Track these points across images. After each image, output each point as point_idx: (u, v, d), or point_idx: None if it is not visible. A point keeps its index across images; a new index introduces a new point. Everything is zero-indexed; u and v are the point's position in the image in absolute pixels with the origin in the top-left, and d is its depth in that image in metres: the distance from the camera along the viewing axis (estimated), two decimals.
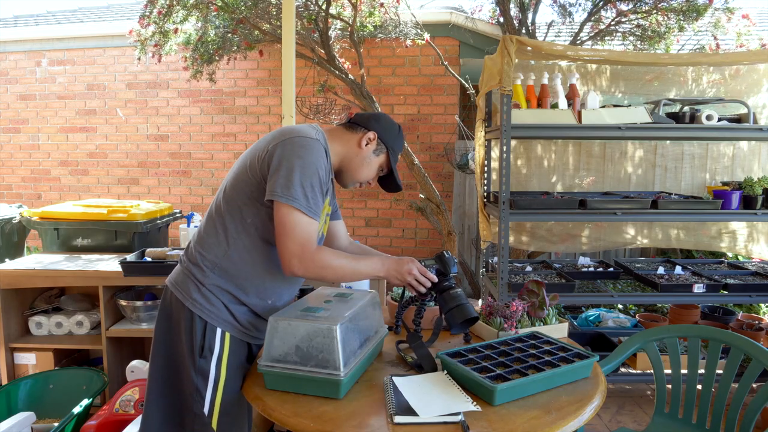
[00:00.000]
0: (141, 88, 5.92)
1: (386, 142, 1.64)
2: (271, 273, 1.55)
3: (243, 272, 1.52)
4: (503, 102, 2.81)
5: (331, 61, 4.37)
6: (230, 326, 1.52)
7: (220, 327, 1.51)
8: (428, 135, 5.56)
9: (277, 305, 1.60)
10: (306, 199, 1.43)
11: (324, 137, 1.56)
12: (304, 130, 1.52)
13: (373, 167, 1.65)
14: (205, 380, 1.48)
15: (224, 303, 1.51)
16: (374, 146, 1.62)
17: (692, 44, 4.73)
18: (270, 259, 1.54)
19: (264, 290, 1.56)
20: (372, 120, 1.64)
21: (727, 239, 3.78)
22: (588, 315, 3.76)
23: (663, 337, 2.04)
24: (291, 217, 1.42)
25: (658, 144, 3.70)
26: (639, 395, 3.22)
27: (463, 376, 1.35)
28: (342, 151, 1.62)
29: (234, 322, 1.53)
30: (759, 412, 1.74)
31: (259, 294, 1.55)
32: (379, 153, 1.64)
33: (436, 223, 4.52)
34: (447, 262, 1.65)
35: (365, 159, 1.62)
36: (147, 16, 4.26)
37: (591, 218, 3.32)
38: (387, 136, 1.64)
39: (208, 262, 1.52)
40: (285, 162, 1.44)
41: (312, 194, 1.44)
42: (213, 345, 1.49)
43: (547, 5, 6.59)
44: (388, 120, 1.67)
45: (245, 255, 1.52)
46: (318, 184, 1.46)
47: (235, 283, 1.52)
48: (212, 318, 1.50)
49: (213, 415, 1.49)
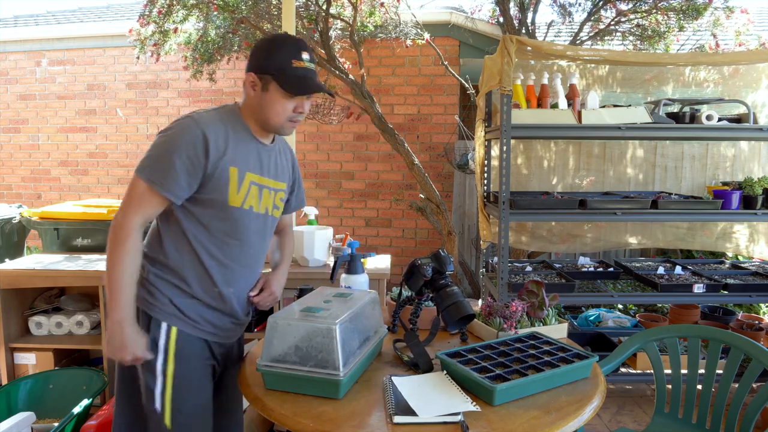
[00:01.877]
0: (141, 88, 5.92)
1: (266, 71, 1.47)
2: (204, 263, 1.52)
3: (179, 264, 1.51)
4: (503, 102, 2.81)
5: (332, 61, 4.36)
6: (176, 320, 1.50)
7: (165, 321, 1.49)
8: (428, 135, 5.55)
9: (228, 295, 1.56)
10: (151, 169, 1.42)
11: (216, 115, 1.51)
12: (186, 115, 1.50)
13: (276, 104, 1.49)
14: (153, 375, 1.47)
15: (169, 297, 1.50)
16: (260, 84, 1.49)
17: (692, 43, 4.72)
18: (201, 249, 1.51)
19: (205, 280, 1.53)
20: (249, 61, 1.53)
21: (727, 239, 3.78)
22: (588, 315, 3.76)
23: (663, 337, 2.04)
24: (132, 184, 1.44)
25: (658, 144, 3.70)
26: (639, 395, 3.22)
27: (463, 376, 1.35)
28: (247, 108, 1.55)
29: (181, 316, 1.51)
30: (759, 412, 1.74)
31: (202, 284, 1.53)
32: (267, 86, 1.49)
33: (436, 223, 4.52)
34: (443, 261, 1.66)
35: (261, 102, 1.50)
36: (147, 15, 4.26)
37: (591, 218, 3.32)
38: (264, 65, 1.48)
39: (147, 258, 1.52)
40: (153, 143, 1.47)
41: (163, 167, 1.41)
42: (158, 339, 1.48)
43: (547, 5, 6.59)
44: (262, 46, 1.52)
45: (178, 246, 1.51)
46: (180, 160, 1.41)
47: (177, 275, 1.51)
48: (156, 312, 1.49)
49: (165, 411, 1.47)
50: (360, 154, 5.65)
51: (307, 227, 2.86)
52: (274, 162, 1.63)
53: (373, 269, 2.70)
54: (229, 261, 1.55)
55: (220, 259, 1.54)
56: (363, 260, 2.11)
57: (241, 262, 1.58)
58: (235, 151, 1.50)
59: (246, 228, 1.56)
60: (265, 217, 1.62)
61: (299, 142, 5.53)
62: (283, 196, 1.69)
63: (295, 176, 1.78)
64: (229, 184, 1.49)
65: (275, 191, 1.64)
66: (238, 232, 1.55)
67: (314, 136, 5.66)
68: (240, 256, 1.57)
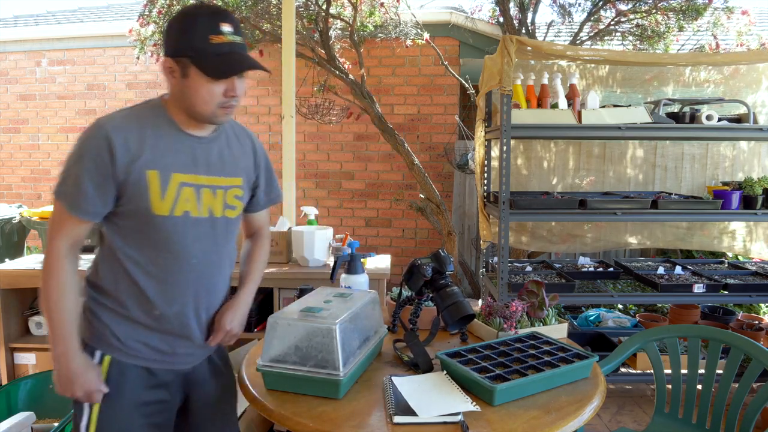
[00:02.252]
0: (141, 88, 5.92)
1: (182, 53, 1.28)
2: (138, 282, 1.35)
3: (114, 285, 1.36)
4: (503, 102, 2.81)
5: (331, 61, 4.36)
6: (111, 348, 1.35)
7: (99, 349, 1.35)
8: (428, 135, 5.56)
9: (173, 315, 1.38)
10: (61, 188, 1.29)
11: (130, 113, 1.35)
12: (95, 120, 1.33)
13: (200, 90, 1.29)
14: (80, 408, 1.34)
15: (107, 323, 1.36)
16: (178, 69, 1.30)
17: (692, 43, 4.72)
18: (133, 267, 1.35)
19: (142, 301, 1.36)
20: (164, 44, 1.34)
21: (727, 239, 3.78)
22: (588, 315, 3.76)
23: (663, 337, 2.04)
24: (53, 207, 1.32)
25: (658, 144, 3.70)
26: (639, 395, 3.22)
27: (463, 376, 1.35)
28: (171, 99, 1.38)
29: (117, 343, 1.35)
30: (759, 412, 1.74)
31: (140, 306, 1.36)
32: (187, 71, 1.28)
33: (436, 223, 4.52)
34: (443, 261, 1.66)
35: (183, 90, 1.31)
36: (147, 15, 4.26)
37: (591, 218, 3.32)
38: (179, 46, 1.28)
39: (88, 282, 1.40)
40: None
41: (71, 185, 1.27)
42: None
43: (547, 5, 6.59)
44: (173, 24, 1.32)
45: (112, 266, 1.36)
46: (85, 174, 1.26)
47: (113, 298, 1.36)
48: (92, 339, 1.36)
49: None
50: (360, 154, 5.65)
51: (307, 227, 2.86)
52: (217, 155, 1.42)
53: (373, 269, 2.70)
54: (167, 276, 1.36)
55: (156, 276, 1.36)
56: (363, 260, 2.11)
57: (184, 276, 1.38)
58: (155, 151, 1.32)
59: (182, 237, 1.36)
60: (213, 221, 1.42)
61: (299, 142, 5.53)
62: (240, 193, 1.47)
63: (260, 167, 1.56)
64: (149, 190, 1.30)
65: (224, 189, 1.43)
66: (171, 243, 1.35)
67: (314, 136, 5.66)
68: (180, 269, 1.37)
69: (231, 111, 1.36)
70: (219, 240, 1.45)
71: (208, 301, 1.45)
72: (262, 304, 2.84)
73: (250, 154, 1.53)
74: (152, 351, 1.39)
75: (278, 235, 2.85)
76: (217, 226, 1.43)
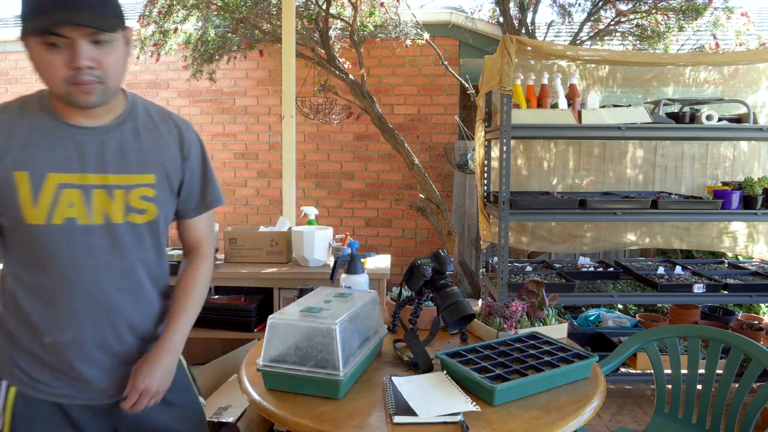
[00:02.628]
0: (141, 87, 5.92)
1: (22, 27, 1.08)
2: (23, 306, 1.17)
3: (6, 309, 1.20)
4: (503, 102, 2.81)
5: (332, 61, 4.37)
6: (15, 378, 1.19)
7: (5, 379, 1.19)
8: (428, 135, 5.56)
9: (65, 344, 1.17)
10: None
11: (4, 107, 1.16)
12: None
13: (41, 64, 1.08)
14: None
15: (8, 349, 1.20)
16: (26, 49, 1.11)
17: (692, 43, 4.73)
18: (18, 288, 1.17)
19: (30, 327, 1.17)
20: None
21: (727, 239, 3.78)
22: (588, 315, 3.76)
23: (663, 337, 2.04)
24: None
25: (658, 144, 3.70)
26: (639, 395, 3.22)
27: (463, 376, 1.35)
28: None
29: (19, 374, 1.19)
30: (759, 412, 1.74)
31: (29, 333, 1.18)
32: (28, 46, 1.08)
33: (436, 223, 4.52)
34: (443, 261, 1.66)
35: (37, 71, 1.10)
36: (147, 15, 4.26)
37: (591, 218, 3.32)
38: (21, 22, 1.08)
39: None
40: None
41: None
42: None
43: (547, 5, 6.60)
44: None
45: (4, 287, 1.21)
46: None
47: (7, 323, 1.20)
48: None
49: None
50: (360, 154, 5.65)
51: (307, 227, 2.86)
52: (116, 148, 1.19)
53: (373, 269, 2.70)
54: (54, 298, 1.16)
55: (42, 297, 1.16)
56: (363, 260, 2.11)
57: (74, 297, 1.16)
58: (25, 148, 1.12)
59: (66, 250, 1.14)
60: (110, 229, 1.18)
61: (299, 142, 5.53)
62: (150, 193, 1.22)
63: (189, 162, 1.30)
64: (18, 195, 1.11)
65: (125, 188, 1.19)
66: (54, 257, 1.14)
67: (314, 136, 5.66)
68: (69, 289, 1.16)
69: (91, 88, 1.09)
70: (123, 252, 1.20)
71: (115, 329, 1.21)
72: (262, 304, 2.84)
73: (173, 145, 1.28)
74: (57, 383, 1.19)
75: (278, 235, 2.85)
76: (117, 235, 1.19)
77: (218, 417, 2.14)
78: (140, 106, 1.28)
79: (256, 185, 5.81)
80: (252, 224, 5.78)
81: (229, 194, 5.85)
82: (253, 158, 5.76)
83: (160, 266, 1.30)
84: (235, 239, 2.86)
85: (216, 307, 2.75)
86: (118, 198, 1.18)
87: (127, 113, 1.24)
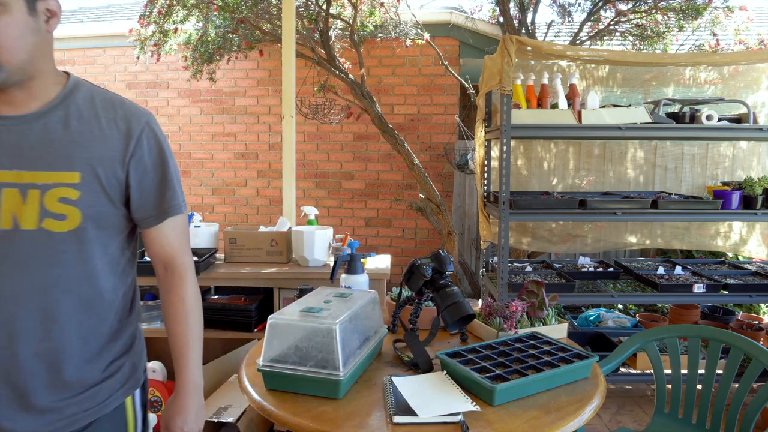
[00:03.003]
0: (141, 88, 5.92)
1: None
2: None
3: None
4: (503, 102, 2.81)
5: (332, 61, 4.37)
6: None
7: None
8: (428, 135, 5.56)
9: None
10: None
11: None
12: None
13: None
14: None
15: None
16: None
17: (691, 42, 4.73)
18: None
19: None
20: None
21: (727, 239, 3.78)
22: (588, 315, 3.76)
23: (663, 337, 2.04)
24: None
25: (658, 144, 3.70)
26: (639, 395, 3.22)
27: (463, 376, 1.35)
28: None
29: None
30: (759, 412, 1.74)
31: None
32: None
33: (436, 223, 4.52)
34: (443, 261, 1.66)
35: None
36: (147, 15, 4.26)
37: (591, 218, 3.32)
38: None
39: None
40: None
41: None
42: None
43: (547, 5, 6.59)
44: None
45: None
46: None
47: None
48: None
49: None
50: (360, 154, 5.65)
51: (307, 227, 2.86)
52: (37, 139, 1.01)
53: (373, 269, 2.70)
54: None
55: None
56: (363, 260, 2.11)
57: None
58: None
59: None
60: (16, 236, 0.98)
61: (299, 142, 5.53)
62: (72, 195, 1.01)
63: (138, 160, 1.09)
64: None
65: (41, 188, 1.00)
66: None
67: (314, 136, 5.66)
68: None
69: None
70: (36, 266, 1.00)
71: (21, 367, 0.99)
72: (262, 304, 2.84)
73: (114, 139, 1.06)
74: None
75: (278, 235, 2.85)
76: (25, 245, 0.99)
77: (218, 417, 2.14)
78: (82, 92, 1.09)
79: (256, 185, 5.81)
80: (252, 224, 5.78)
81: (229, 194, 5.86)
82: (253, 158, 5.76)
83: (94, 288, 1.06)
84: (235, 239, 2.86)
85: (216, 307, 2.75)
86: (31, 199, 0.98)
87: (59, 100, 1.05)
